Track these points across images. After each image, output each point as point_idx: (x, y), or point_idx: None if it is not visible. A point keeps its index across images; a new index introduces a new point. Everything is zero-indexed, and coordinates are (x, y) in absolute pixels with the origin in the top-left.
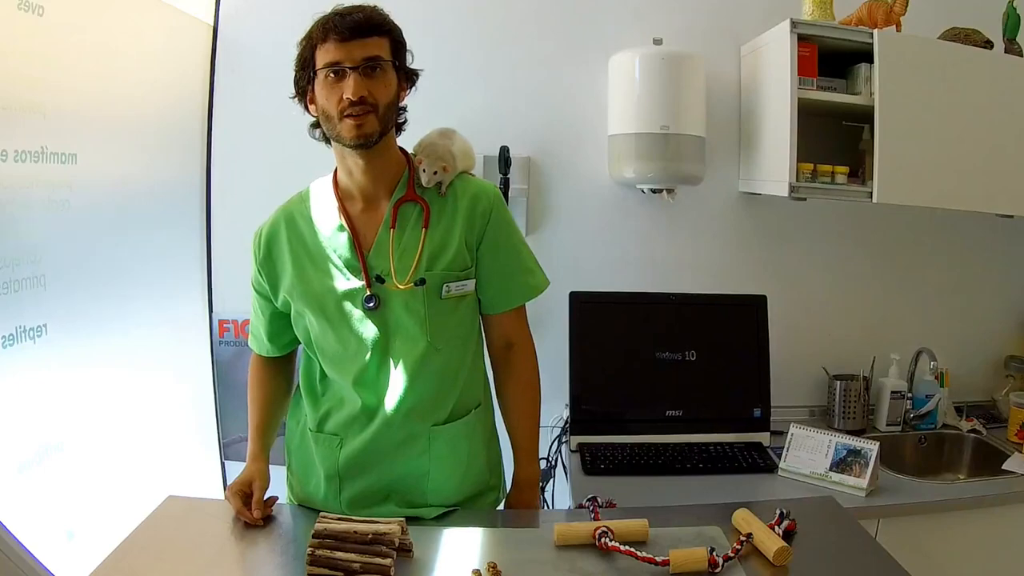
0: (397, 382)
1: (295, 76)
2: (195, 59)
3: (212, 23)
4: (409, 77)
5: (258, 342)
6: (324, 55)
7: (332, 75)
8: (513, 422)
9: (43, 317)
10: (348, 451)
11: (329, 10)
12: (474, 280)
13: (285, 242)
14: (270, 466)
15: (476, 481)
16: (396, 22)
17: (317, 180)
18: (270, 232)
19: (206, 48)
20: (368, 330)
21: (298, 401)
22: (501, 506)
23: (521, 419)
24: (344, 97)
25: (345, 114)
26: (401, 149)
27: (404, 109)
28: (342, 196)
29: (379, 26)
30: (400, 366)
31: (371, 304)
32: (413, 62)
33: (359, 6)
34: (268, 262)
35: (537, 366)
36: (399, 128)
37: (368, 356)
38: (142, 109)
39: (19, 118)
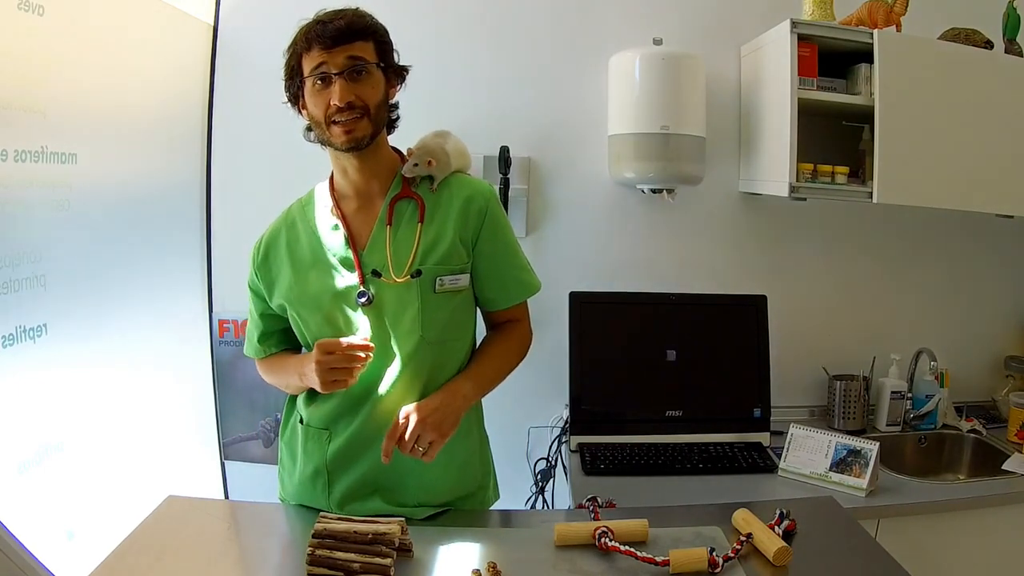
0: (389, 375)
1: (285, 84)
2: (195, 59)
3: (212, 23)
4: (398, 74)
5: (254, 347)
6: (309, 63)
7: (319, 82)
8: (480, 354)
9: (43, 317)
10: (336, 444)
11: (312, 17)
12: (467, 275)
13: (284, 246)
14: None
15: (470, 481)
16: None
17: (320, 184)
18: (270, 238)
19: (206, 48)
20: (363, 325)
21: (292, 398)
22: (495, 505)
23: (490, 357)
24: (331, 103)
25: (333, 120)
26: (394, 148)
27: (396, 106)
28: (338, 197)
29: (361, 30)
30: (394, 360)
31: (363, 299)
32: (400, 59)
33: (340, 11)
34: (264, 266)
35: (528, 347)
36: (392, 125)
37: None
38: (142, 109)
39: (19, 118)
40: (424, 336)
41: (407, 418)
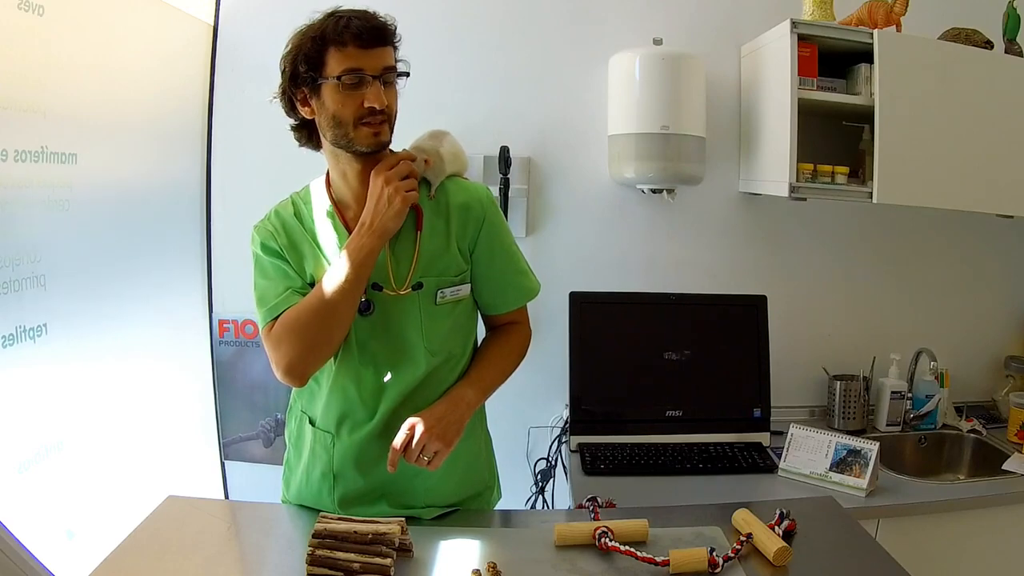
0: (393, 386)
1: (291, 71)
2: (195, 59)
3: (212, 23)
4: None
5: (278, 299)
6: (343, 60)
7: (350, 82)
8: (481, 358)
9: (43, 317)
10: (341, 450)
11: (330, 10)
12: (468, 284)
13: (298, 232)
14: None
15: (476, 481)
16: (397, 22)
17: (315, 181)
18: (283, 221)
19: (206, 48)
20: (364, 334)
21: (296, 401)
22: (499, 505)
23: (491, 361)
24: (366, 105)
25: (363, 121)
26: (391, 151)
27: None
28: (337, 203)
29: (392, 35)
30: (396, 371)
31: (366, 310)
32: (408, 66)
33: (368, 12)
34: (291, 245)
35: (527, 348)
36: None
37: (365, 361)
38: (142, 109)
39: (19, 118)
40: (427, 347)
41: (412, 428)
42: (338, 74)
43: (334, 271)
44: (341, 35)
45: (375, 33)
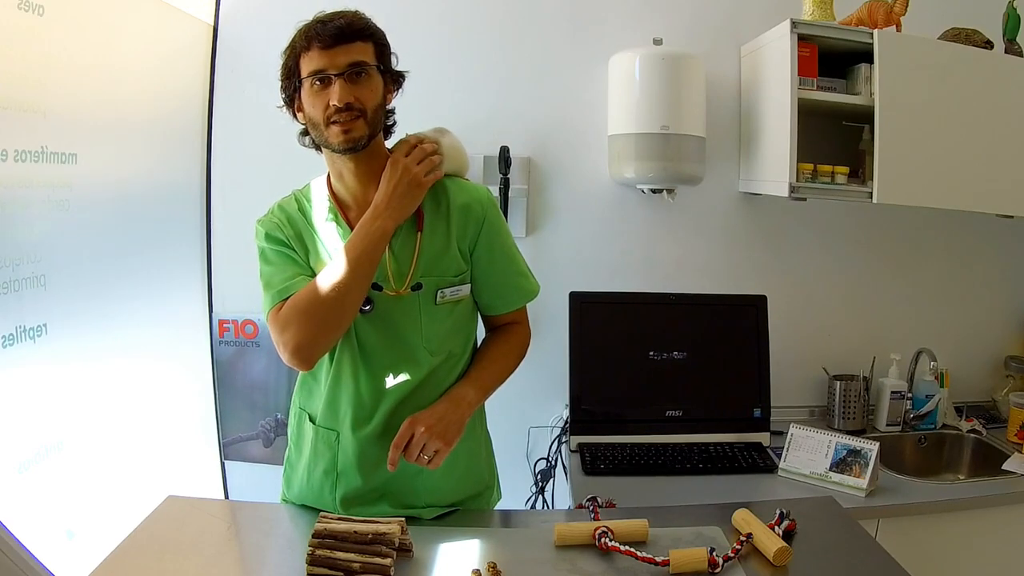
0: (393, 386)
1: (282, 85)
2: (195, 59)
3: (212, 23)
4: (395, 79)
5: (284, 285)
6: (308, 63)
7: (317, 82)
8: (481, 358)
9: (43, 317)
10: (343, 448)
11: (311, 18)
12: (468, 285)
13: (302, 227)
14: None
15: (476, 481)
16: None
17: (315, 180)
18: (289, 215)
19: (206, 48)
20: (364, 333)
21: (297, 399)
22: (499, 505)
23: (491, 361)
24: (330, 104)
25: (332, 120)
26: (392, 151)
27: (392, 111)
28: (338, 202)
29: (361, 31)
30: (396, 370)
31: (367, 308)
32: (399, 64)
33: (340, 12)
34: (298, 240)
35: (526, 348)
36: (388, 130)
37: (364, 360)
38: (142, 109)
39: (19, 118)
40: (427, 347)
41: (412, 427)
42: (304, 77)
43: (346, 252)
44: (305, 40)
45: (336, 32)
